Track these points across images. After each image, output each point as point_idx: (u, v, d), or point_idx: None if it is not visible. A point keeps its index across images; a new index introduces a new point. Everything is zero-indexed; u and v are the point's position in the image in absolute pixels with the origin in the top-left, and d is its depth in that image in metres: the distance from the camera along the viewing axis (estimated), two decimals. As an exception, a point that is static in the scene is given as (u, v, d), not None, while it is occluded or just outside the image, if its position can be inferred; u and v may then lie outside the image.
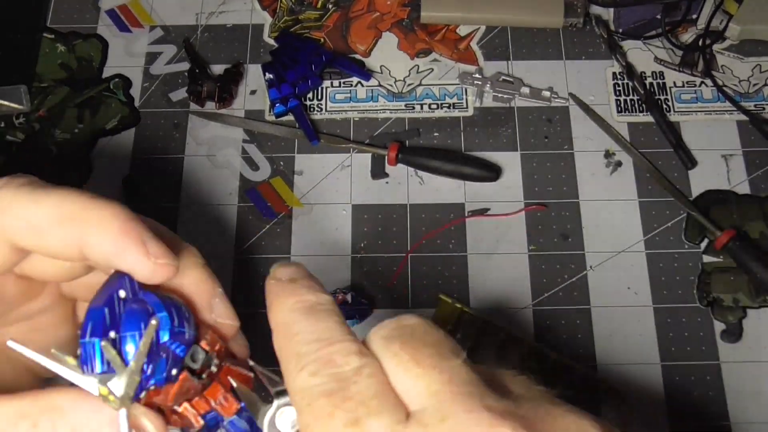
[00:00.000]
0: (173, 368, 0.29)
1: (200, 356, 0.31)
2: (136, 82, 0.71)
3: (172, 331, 0.29)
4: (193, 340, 0.30)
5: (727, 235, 0.61)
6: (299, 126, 0.68)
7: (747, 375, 0.58)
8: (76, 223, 0.29)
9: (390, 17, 0.74)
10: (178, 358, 0.29)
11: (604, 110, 0.69)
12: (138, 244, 0.29)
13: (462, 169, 0.65)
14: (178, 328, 0.29)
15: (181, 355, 0.30)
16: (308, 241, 0.64)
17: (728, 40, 0.72)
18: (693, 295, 0.61)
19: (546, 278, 0.62)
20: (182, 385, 0.30)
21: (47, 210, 0.30)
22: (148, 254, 0.30)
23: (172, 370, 0.29)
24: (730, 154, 0.67)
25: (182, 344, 0.30)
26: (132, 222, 0.30)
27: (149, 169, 0.67)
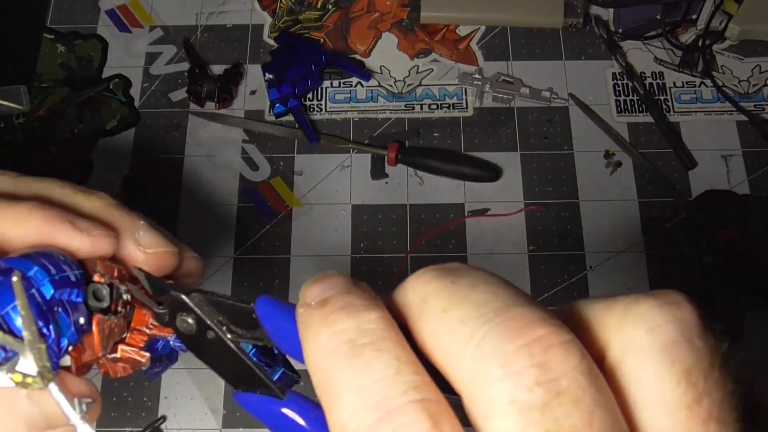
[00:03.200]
0: (79, 317, 0.27)
1: (103, 292, 0.28)
2: (136, 82, 0.71)
3: (53, 280, 0.26)
4: (82, 279, 0.28)
5: (727, 234, 0.61)
6: (299, 126, 0.68)
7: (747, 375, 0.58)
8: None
9: (390, 17, 0.74)
10: (78, 305, 0.27)
11: (604, 110, 0.69)
12: (65, 225, 0.29)
13: (462, 170, 0.65)
14: (58, 275, 0.27)
15: (78, 301, 0.27)
16: (308, 242, 0.64)
17: (728, 41, 0.72)
18: (693, 295, 0.61)
19: (546, 278, 0.62)
20: (100, 329, 0.27)
21: None
22: (80, 231, 0.29)
23: (80, 320, 0.27)
24: (730, 154, 0.67)
25: (73, 288, 0.27)
26: (52, 210, 0.30)
27: (149, 169, 0.67)
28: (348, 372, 0.19)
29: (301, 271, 0.63)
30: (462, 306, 0.20)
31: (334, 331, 0.20)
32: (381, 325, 0.20)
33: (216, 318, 0.26)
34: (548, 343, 0.18)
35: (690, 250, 0.63)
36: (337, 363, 0.20)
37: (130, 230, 0.31)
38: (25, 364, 0.24)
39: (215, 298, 0.27)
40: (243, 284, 0.63)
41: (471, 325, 0.19)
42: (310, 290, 0.22)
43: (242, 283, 0.63)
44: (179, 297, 0.27)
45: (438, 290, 0.20)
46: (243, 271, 0.63)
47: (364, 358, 0.19)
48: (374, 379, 0.19)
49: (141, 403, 0.58)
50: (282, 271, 0.63)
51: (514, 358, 0.18)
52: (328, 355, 0.20)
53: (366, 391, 0.19)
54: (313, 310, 0.21)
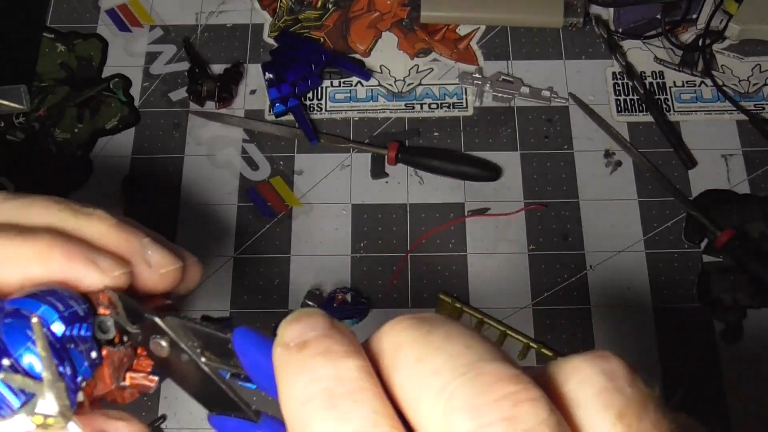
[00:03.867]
0: (91, 351, 0.27)
1: (108, 323, 0.28)
2: (136, 81, 0.71)
3: (62, 317, 0.26)
4: (89, 311, 0.27)
5: (727, 234, 0.61)
6: (299, 126, 0.68)
7: (747, 374, 0.58)
8: (13, 263, 0.28)
9: (390, 17, 0.74)
10: (88, 339, 0.27)
11: (604, 110, 0.69)
12: (86, 264, 0.28)
13: (462, 169, 0.65)
14: (66, 311, 0.26)
15: (89, 335, 0.27)
16: (308, 241, 0.64)
17: (728, 40, 0.72)
18: (693, 295, 0.61)
19: (546, 278, 0.62)
20: (111, 362, 0.27)
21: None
22: (101, 270, 0.28)
23: (92, 354, 0.27)
24: (730, 153, 0.67)
25: (82, 323, 0.27)
26: (71, 245, 0.28)
27: (149, 168, 0.67)
28: (324, 422, 0.19)
29: (301, 271, 0.63)
30: (436, 357, 0.20)
31: (311, 378, 0.20)
32: (359, 374, 0.20)
33: (190, 342, 0.26)
34: (518, 398, 0.19)
35: (690, 249, 0.63)
36: (314, 412, 0.20)
37: (139, 252, 0.30)
38: (44, 405, 0.24)
39: (192, 324, 0.26)
40: (243, 284, 0.63)
41: (444, 378, 0.19)
42: (289, 329, 0.21)
43: (242, 282, 0.63)
44: (152, 319, 0.27)
45: (412, 340, 0.20)
46: (243, 270, 0.63)
47: (341, 409, 0.19)
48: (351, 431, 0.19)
49: (141, 403, 0.58)
50: (282, 271, 0.63)
51: (484, 411, 0.18)
52: (305, 402, 0.20)
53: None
54: (291, 353, 0.21)
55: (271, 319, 0.61)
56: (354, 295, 0.61)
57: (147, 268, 0.30)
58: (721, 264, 0.62)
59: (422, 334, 0.20)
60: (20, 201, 0.30)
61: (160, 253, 0.30)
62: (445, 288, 0.62)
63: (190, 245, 0.37)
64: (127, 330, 0.28)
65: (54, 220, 0.30)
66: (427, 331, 0.20)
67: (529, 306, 0.61)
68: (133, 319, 0.28)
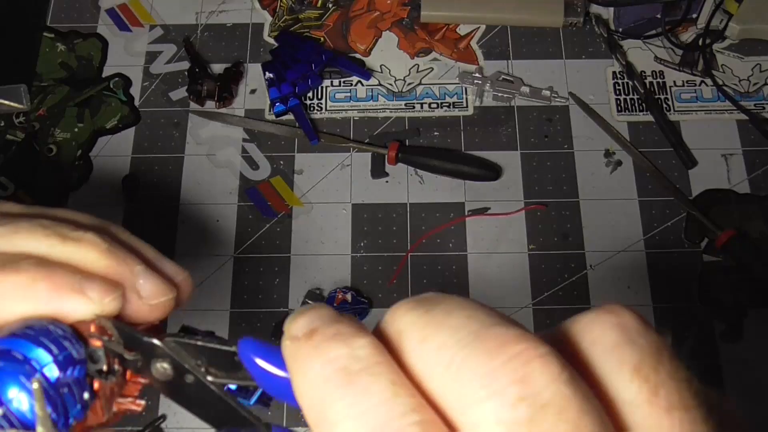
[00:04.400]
0: (83, 392, 0.26)
1: (100, 353, 0.26)
2: (136, 81, 0.71)
3: (56, 361, 0.25)
4: (82, 352, 0.26)
5: (727, 234, 0.61)
6: (299, 125, 0.68)
7: (747, 374, 0.58)
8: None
9: (390, 16, 0.74)
10: (82, 380, 0.26)
11: (604, 109, 0.69)
12: (74, 294, 0.27)
13: (462, 169, 0.65)
14: (61, 355, 0.25)
15: (82, 375, 0.26)
16: (308, 241, 0.64)
17: (728, 40, 0.72)
18: (693, 295, 0.61)
19: (546, 277, 0.62)
20: (103, 395, 0.26)
21: None
22: (90, 300, 0.27)
23: (84, 396, 0.26)
24: (730, 153, 0.67)
25: (75, 365, 0.26)
26: (57, 275, 0.27)
27: (149, 168, 0.67)
28: (344, 399, 0.19)
29: (301, 271, 0.63)
30: (438, 334, 0.20)
31: (326, 360, 0.20)
32: (373, 350, 0.20)
33: (194, 361, 0.25)
34: (526, 357, 0.18)
35: (690, 249, 0.63)
36: (332, 391, 0.19)
37: (130, 281, 0.29)
38: None
39: (192, 341, 0.26)
40: (243, 284, 0.63)
41: (449, 352, 0.19)
42: (295, 323, 0.21)
43: (242, 282, 0.63)
44: (152, 343, 0.26)
45: (413, 321, 0.20)
46: (243, 270, 0.63)
47: (361, 384, 0.19)
48: (373, 404, 0.19)
49: (141, 402, 0.58)
50: (282, 270, 0.63)
51: (494, 377, 0.18)
52: (322, 384, 0.20)
53: (365, 416, 0.19)
54: (301, 342, 0.21)
55: (271, 319, 0.61)
56: (354, 295, 0.61)
57: (138, 298, 0.29)
58: (721, 264, 0.62)
59: (422, 314, 0.20)
60: (4, 228, 0.29)
61: (152, 282, 0.29)
62: (445, 288, 0.62)
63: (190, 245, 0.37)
64: (124, 356, 0.27)
65: (40, 247, 0.28)
66: (426, 310, 0.20)
67: (530, 305, 0.61)
68: (130, 344, 0.26)
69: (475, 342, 0.19)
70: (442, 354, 0.19)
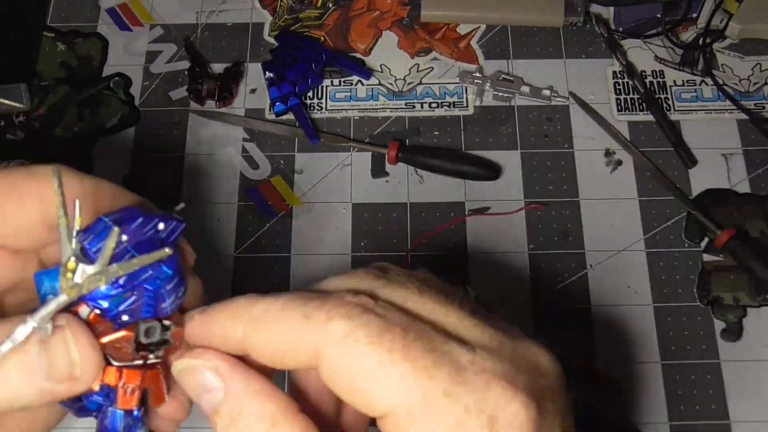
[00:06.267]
0: (126, 315, 0.29)
1: (156, 335, 0.30)
2: (137, 80, 0.71)
3: (158, 289, 0.29)
4: (167, 312, 0.30)
5: (727, 233, 0.61)
6: (299, 125, 0.68)
7: (747, 374, 0.58)
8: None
9: (390, 16, 0.74)
10: (138, 313, 0.29)
11: (605, 109, 0.69)
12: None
13: (462, 168, 0.65)
14: (164, 292, 0.29)
15: (144, 313, 0.29)
16: (308, 240, 0.64)
17: (728, 39, 0.72)
18: (693, 294, 0.61)
19: (546, 277, 0.62)
20: (119, 338, 0.29)
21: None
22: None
23: (123, 316, 0.29)
24: (731, 152, 0.67)
25: (152, 306, 0.29)
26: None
27: (149, 167, 0.67)
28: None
29: (302, 270, 0.63)
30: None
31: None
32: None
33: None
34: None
35: (690, 248, 0.63)
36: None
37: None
38: (82, 271, 0.28)
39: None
40: (243, 283, 0.63)
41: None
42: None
43: (242, 282, 0.63)
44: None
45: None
46: (243, 270, 0.63)
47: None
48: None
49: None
50: (282, 270, 0.63)
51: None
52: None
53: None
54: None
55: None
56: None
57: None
58: (721, 263, 0.62)
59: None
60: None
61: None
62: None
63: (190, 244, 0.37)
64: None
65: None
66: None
67: (529, 305, 0.61)
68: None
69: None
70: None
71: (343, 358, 0.27)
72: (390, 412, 0.27)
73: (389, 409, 0.27)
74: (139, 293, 0.29)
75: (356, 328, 0.27)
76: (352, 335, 0.27)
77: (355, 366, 0.27)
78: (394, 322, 0.28)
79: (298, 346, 0.28)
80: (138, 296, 0.29)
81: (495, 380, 0.27)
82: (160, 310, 0.30)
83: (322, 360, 0.28)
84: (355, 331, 0.27)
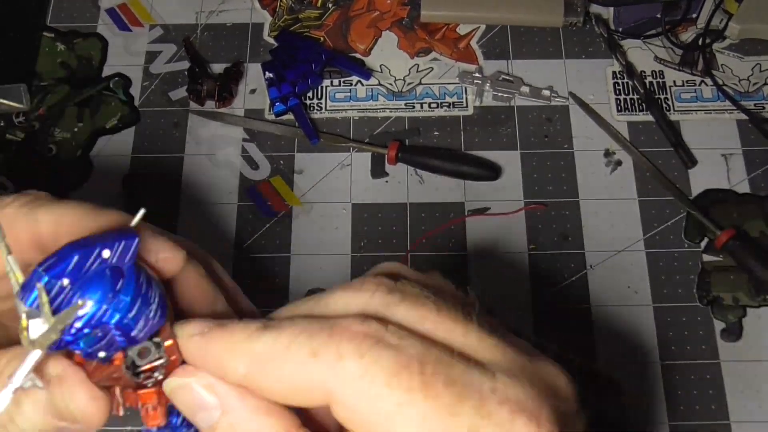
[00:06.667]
0: (103, 351, 0.28)
1: (151, 355, 0.28)
2: (136, 81, 0.71)
3: (121, 320, 0.27)
4: (140, 338, 0.28)
5: (726, 234, 0.61)
6: (299, 125, 0.68)
7: (747, 374, 0.58)
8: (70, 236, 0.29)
9: (390, 16, 0.74)
10: (115, 345, 0.28)
11: (604, 109, 0.69)
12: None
13: (462, 168, 0.65)
14: (127, 321, 0.27)
15: (119, 344, 0.28)
16: (308, 240, 0.64)
17: (728, 39, 0.72)
18: (693, 294, 0.61)
19: (546, 277, 0.62)
20: (109, 369, 0.28)
21: (49, 225, 0.31)
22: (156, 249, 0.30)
23: (100, 353, 0.28)
24: (730, 153, 0.67)
25: (123, 337, 0.28)
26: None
27: (149, 168, 0.67)
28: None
29: (301, 270, 0.63)
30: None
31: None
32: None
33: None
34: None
35: (690, 249, 0.63)
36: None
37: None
38: (36, 326, 0.26)
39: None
40: (243, 283, 0.62)
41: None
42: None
43: (242, 282, 0.62)
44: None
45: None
46: (243, 270, 0.63)
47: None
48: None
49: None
50: (282, 271, 0.63)
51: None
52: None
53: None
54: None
55: (271, 318, 0.61)
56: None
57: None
58: (721, 263, 0.62)
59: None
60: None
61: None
62: (445, 287, 0.62)
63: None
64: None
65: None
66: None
67: (529, 305, 0.61)
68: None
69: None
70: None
71: (358, 401, 0.26)
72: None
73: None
74: (104, 329, 0.27)
75: (370, 366, 0.26)
76: (366, 376, 0.26)
77: (371, 409, 0.26)
78: (409, 354, 0.26)
79: (307, 386, 0.27)
80: (103, 332, 0.27)
81: (519, 412, 0.26)
82: (132, 340, 0.28)
83: (335, 401, 0.26)
84: (368, 371, 0.26)
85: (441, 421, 0.25)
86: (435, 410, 0.25)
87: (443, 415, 0.25)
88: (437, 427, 0.25)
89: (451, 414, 0.25)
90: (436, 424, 0.25)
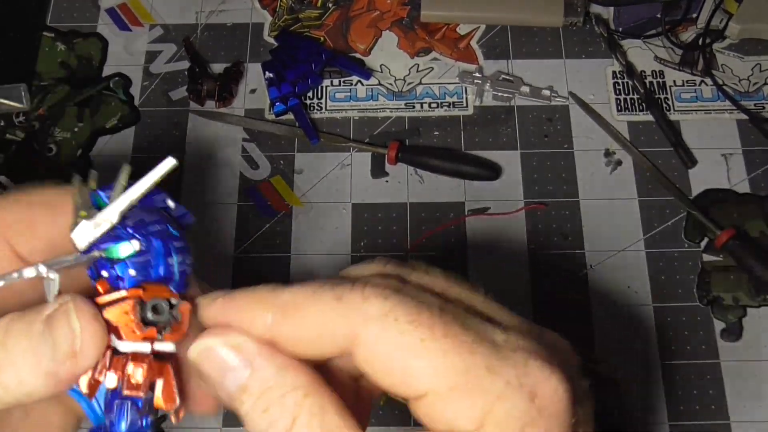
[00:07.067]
0: (133, 268, 0.28)
1: (164, 311, 0.29)
2: (136, 80, 0.71)
3: (166, 255, 0.29)
4: (169, 272, 0.30)
5: (726, 234, 0.61)
6: (299, 125, 0.68)
7: (747, 374, 0.58)
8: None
9: (390, 16, 0.74)
10: (145, 266, 0.29)
11: (604, 109, 0.69)
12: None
13: (462, 168, 0.65)
14: (172, 262, 0.29)
15: (153, 271, 0.29)
16: (308, 240, 0.64)
17: (728, 39, 0.72)
18: (693, 294, 0.61)
19: (546, 277, 0.62)
20: (120, 308, 0.28)
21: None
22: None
23: (130, 270, 0.28)
24: (730, 152, 0.67)
25: (162, 263, 0.29)
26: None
27: (149, 168, 0.67)
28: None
29: (301, 270, 0.63)
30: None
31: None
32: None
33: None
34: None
35: (690, 248, 0.63)
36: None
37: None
38: (89, 225, 0.29)
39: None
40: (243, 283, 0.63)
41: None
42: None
43: (242, 282, 0.63)
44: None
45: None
46: (243, 270, 0.63)
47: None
48: None
49: (141, 402, 0.58)
50: (282, 270, 0.63)
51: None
52: None
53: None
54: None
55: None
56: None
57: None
58: (721, 263, 0.62)
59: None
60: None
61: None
62: (445, 287, 0.62)
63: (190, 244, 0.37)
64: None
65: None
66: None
67: (529, 305, 0.61)
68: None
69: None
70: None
71: (382, 338, 0.27)
72: (431, 390, 0.26)
73: (430, 387, 0.26)
74: (148, 244, 0.29)
75: (394, 306, 0.27)
76: (390, 314, 0.27)
77: (395, 345, 0.27)
78: (428, 302, 0.28)
79: (332, 329, 0.27)
80: (146, 248, 0.29)
81: (533, 357, 0.27)
82: (168, 267, 0.29)
83: (358, 341, 0.27)
84: (393, 309, 0.27)
85: (461, 357, 0.26)
86: (455, 347, 0.26)
87: (463, 352, 0.26)
88: (457, 362, 0.26)
89: (470, 352, 0.26)
90: (457, 359, 0.26)
